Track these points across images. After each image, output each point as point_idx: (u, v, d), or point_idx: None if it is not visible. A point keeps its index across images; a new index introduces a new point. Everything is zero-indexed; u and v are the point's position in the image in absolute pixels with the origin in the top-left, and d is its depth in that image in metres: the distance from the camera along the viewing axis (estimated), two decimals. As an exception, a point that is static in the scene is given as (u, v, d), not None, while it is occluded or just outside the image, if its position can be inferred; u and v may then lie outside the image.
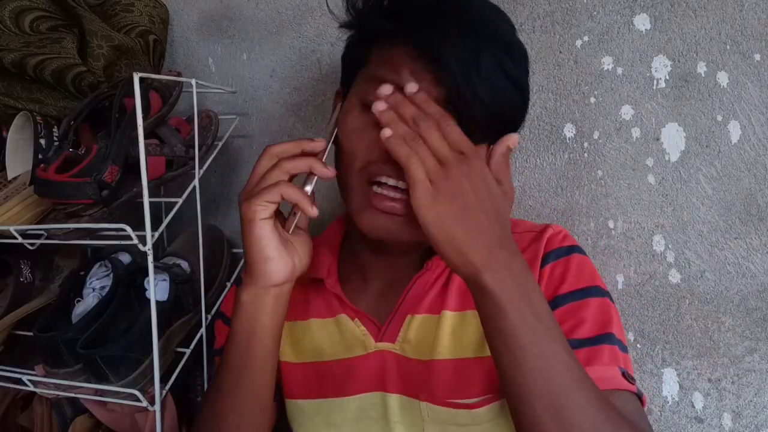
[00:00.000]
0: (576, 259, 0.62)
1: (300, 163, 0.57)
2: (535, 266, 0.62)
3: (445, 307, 0.63)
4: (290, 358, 0.69)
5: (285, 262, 0.57)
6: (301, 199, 0.56)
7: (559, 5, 0.76)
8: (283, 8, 0.92)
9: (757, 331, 0.70)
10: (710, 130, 0.71)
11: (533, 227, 0.67)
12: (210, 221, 0.98)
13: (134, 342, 0.71)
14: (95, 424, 0.87)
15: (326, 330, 0.68)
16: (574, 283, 0.60)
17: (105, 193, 0.68)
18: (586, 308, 0.59)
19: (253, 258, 0.57)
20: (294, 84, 0.92)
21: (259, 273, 0.57)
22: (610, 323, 0.58)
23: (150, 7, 0.91)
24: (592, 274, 0.62)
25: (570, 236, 0.65)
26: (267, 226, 0.56)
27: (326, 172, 0.57)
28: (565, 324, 0.58)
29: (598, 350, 0.56)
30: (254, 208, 0.55)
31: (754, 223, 0.70)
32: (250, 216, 0.55)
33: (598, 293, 0.60)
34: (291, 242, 0.59)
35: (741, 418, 0.71)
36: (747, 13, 0.68)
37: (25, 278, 0.86)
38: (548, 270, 0.62)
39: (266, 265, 0.57)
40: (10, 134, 0.82)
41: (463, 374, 0.61)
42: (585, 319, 0.58)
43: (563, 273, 0.61)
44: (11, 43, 0.79)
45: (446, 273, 0.64)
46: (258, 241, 0.56)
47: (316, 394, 0.67)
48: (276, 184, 0.55)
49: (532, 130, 0.78)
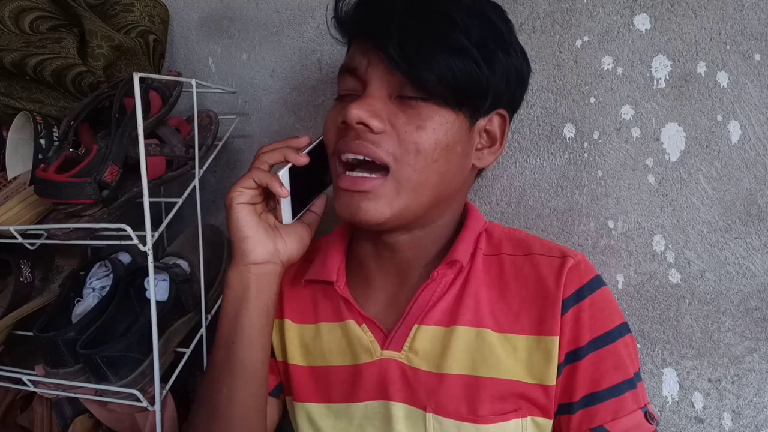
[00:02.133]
0: (597, 298, 0.62)
1: (275, 153, 0.64)
2: (556, 304, 0.61)
3: (457, 321, 0.63)
4: (299, 361, 0.70)
5: (263, 243, 0.63)
6: (271, 182, 0.62)
7: (559, 5, 0.76)
8: (283, 8, 0.92)
9: (757, 331, 0.70)
10: (710, 130, 0.71)
11: (551, 251, 0.65)
12: (210, 221, 0.98)
13: (134, 342, 0.72)
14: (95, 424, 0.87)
15: (334, 335, 0.68)
16: (597, 328, 0.61)
17: (105, 193, 0.68)
18: (610, 356, 0.60)
19: (233, 238, 0.63)
20: (294, 84, 0.92)
21: (239, 252, 0.63)
22: (627, 365, 0.60)
23: (150, 7, 0.91)
24: (612, 310, 0.62)
25: (589, 266, 0.64)
26: (244, 209, 0.63)
27: (299, 159, 0.63)
28: (591, 375, 0.60)
29: (622, 400, 0.59)
30: (232, 194, 0.63)
31: (754, 223, 0.70)
32: (228, 202, 0.63)
33: (620, 333, 0.61)
34: (278, 229, 0.65)
35: (741, 418, 0.71)
36: (747, 13, 0.68)
37: (25, 278, 0.86)
38: (572, 315, 0.61)
39: (243, 244, 0.63)
40: (10, 134, 0.82)
41: (475, 391, 0.61)
42: (609, 368, 0.60)
43: (588, 319, 0.61)
44: (11, 43, 0.79)
45: (457, 285, 0.64)
46: (235, 223, 0.63)
47: (323, 399, 0.68)
48: (250, 171, 0.63)
49: (532, 130, 0.78)
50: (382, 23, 0.58)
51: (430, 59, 0.56)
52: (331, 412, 0.67)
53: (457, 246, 0.65)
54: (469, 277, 0.64)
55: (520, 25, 0.77)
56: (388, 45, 0.56)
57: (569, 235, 0.77)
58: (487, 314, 0.63)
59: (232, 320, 0.63)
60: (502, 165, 0.80)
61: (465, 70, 0.57)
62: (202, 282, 0.80)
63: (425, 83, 0.57)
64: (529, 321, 0.62)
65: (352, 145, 0.59)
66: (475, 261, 0.65)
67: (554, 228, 0.78)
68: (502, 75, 0.61)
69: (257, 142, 0.96)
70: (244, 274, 0.63)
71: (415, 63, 0.56)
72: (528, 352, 0.61)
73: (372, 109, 0.58)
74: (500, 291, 0.64)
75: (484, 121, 0.63)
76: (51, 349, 0.73)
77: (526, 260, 0.65)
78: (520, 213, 0.79)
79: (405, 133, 0.58)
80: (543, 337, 0.61)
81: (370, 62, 0.60)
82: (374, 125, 0.58)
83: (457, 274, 0.65)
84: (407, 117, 0.59)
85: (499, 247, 0.67)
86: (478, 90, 0.59)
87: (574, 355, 0.60)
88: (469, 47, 0.57)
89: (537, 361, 0.61)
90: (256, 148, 0.95)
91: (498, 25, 0.62)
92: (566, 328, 0.60)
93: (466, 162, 0.64)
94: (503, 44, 0.61)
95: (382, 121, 0.58)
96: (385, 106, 0.59)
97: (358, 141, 0.59)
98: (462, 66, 0.57)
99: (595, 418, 0.59)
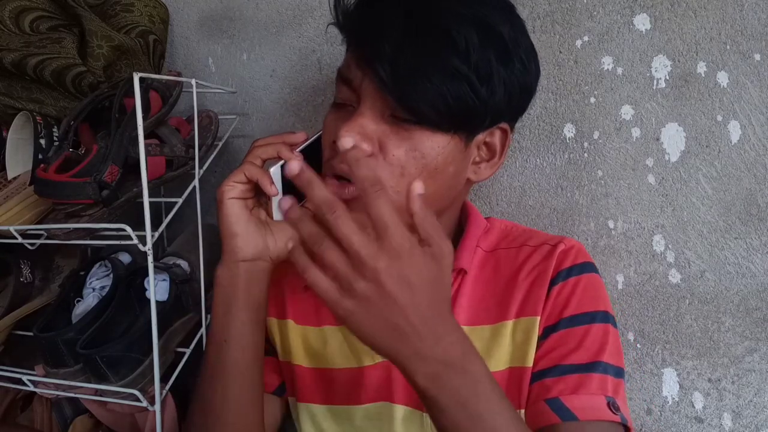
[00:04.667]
0: (584, 280, 0.62)
1: (269, 148, 0.62)
2: (543, 286, 0.62)
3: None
4: (303, 362, 0.70)
5: (254, 240, 0.61)
6: (261, 177, 0.60)
7: (559, 5, 0.76)
8: (283, 8, 0.92)
9: (757, 331, 0.70)
10: (710, 130, 0.71)
11: (547, 240, 0.66)
12: (210, 221, 0.98)
13: (134, 342, 0.71)
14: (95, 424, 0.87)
15: (337, 338, 0.68)
16: (576, 307, 0.61)
17: (105, 193, 0.68)
18: (584, 335, 0.59)
19: (223, 234, 0.61)
20: (294, 84, 0.92)
21: (228, 248, 0.61)
22: (603, 350, 0.59)
23: (150, 7, 0.91)
24: (597, 296, 0.62)
25: (583, 251, 0.64)
26: (234, 204, 0.60)
27: (291, 158, 0.60)
28: (559, 349, 0.59)
29: (587, 378, 0.57)
30: (223, 188, 0.60)
31: (754, 223, 0.70)
32: (219, 196, 0.60)
33: (599, 319, 0.60)
34: (269, 226, 0.63)
35: (741, 418, 0.71)
36: (747, 13, 0.68)
37: (25, 278, 0.86)
38: (555, 292, 0.61)
39: (233, 240, 0.60)
40: (10, 134, 0.82)
41: None
42: (580, 345, 0.59)
43: (569, 296, 0.61)
44: (11, 43, 0.79)
45: (455, 286, 0.65)
46: (225, 218, 0.60)
47: (326, 400, 0.68)
48: (242, 165, 0.61)
49: (532, 130, 0.78)
50: (376, 37, 0.55)
51: (421, 85, 0.53)
52: (333, 413, 0.67)
53: (461, 253, 0.65)
54: (466, 277, 0.65)
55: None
56: (379, 64, 0.54)
57: (569, 235, 0.77)
58: (482, 310, 0.64)
59: (222, 318, 0.62)
60: (502, 165, 0.79)
61: (459, 96, 0.54)
62: (202, 282, 0.80)
63: (416, 109, 0.55)
64: (516, 306, 0.62)
65: (340, 167, 0.58)
66: (474, 260, 0.66)
67: (554, 228, 0.78)
68: (504, 93, 0.57)
69: (257, 142, 0.96)
70: (233, 271, 0.61)
71: (405, 88, 0.54)
72: (511, 336, 0.62)
73: (363, 132, 0.56)
74: (494, 285, 0.65)
75: (484, 134, 0.61)
76: (51, 349, 0.72)
77: (521, 251, 0.66)
78: (520, 213, 0.79)
79: (393, 157, 0.56)
80: (525, 318, 0.61)
81: (364, 76, 0.57)
82: (364, 149, 0.56)
83: (456, 276, 0.65)
84: (398, 140, 0.56)
85: (497, 243, 0.68)
86: (474, 114, 0.57)
87: (551, 329, 0.60)
88: (466, 72, 0.54)
89: (519, 343, 0.61)
90: (256, 148, 0.96)
91: (502, 34, 0.57)
92: (548, 303, 0.61)
93: (458, 180, 0.62)
94: (506, 57, 0.57)
95: (371, 144, 0.57)
96: (377, 126, 0.57)
97: (343, 164, 0.58)
98: (456, 92, 0.54)
99: (553, 389, 0.57)
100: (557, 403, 0.56)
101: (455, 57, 0.53)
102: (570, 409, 0.56)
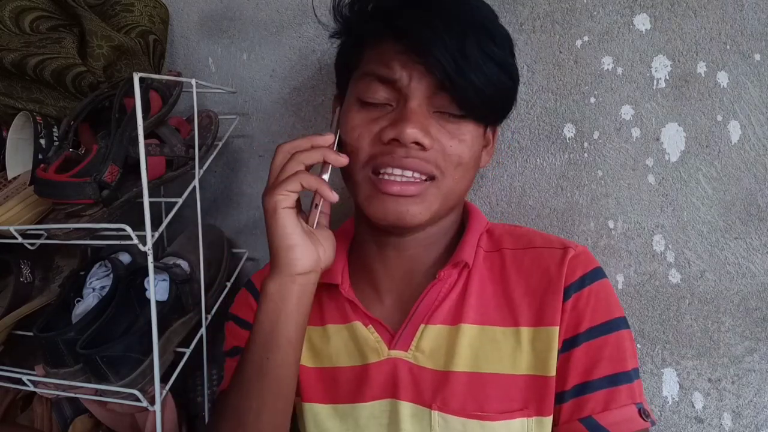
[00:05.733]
0: (597, 288, 0.62)
1: (314, 154, 0.60)
2: (557, 294, 0.62)
3: (462, 319, 0.63)
4: (307, 362, 0.70)
5: (309, 251, 0.59)
6: (321, 185, 0.59)
7: (559, 5, 0.76)
8: (283, 8, 0.92)
9: (757, 331, 0.70)
10: (710, 130, 0.71)
11: (551, 242, 0.66)
12: (210, 221, 0.98)
13: (134, 342, 0.72)
14: (95, 424, 0.87)
15: (341, 336, 0.68)
16: (593, 318, 0.61)
17: (105, 193, 0.68)
18: (605, 346, 0.60)
19: (278, 246, 0.58)
20: (294, 84, 0.92)
21: (284, 261, 0.59)
22: (625, 359, 0.60)
23: (150, 7, 0.91)
24: (610, 302, 0.62)
25: (590, 256, 0.65)
26: (290, 214, 0.58)
27: (340, 160, 0.61)
28: (583, 364, 0.60)
29: (616, 392, 0.58)
30: (276, 198, 0.57)
31: (754, 223, 0.70)
32: (272, 206, 0.58)
33: (616, 326, 0.61)
34: (315, 235, 0.62)
35: (741, 418, 0.71)
36: (747, 13, 0.68)
37: (25, 278, 0.86)
38: (571, 304, 0.61)
39: (291, 253, 0.58)
40: (10, 134, 0.82)
41: (480, 388, 0.61)
42: (603, 357, 0.59)
43: (584, 307, 0.61)
44: (11, 43, 0.79)
45: (461, 283, 0.65)
46: (282, 230, 0.58)
47: (330, 399, 0.67)
48: (295, 174, 0.58)
49: (532, 130, 0.78)
50: (429, 39, 0.56)
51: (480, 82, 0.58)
52: (337, 413, 0.67)
53: (463, 246, 0.65)
54: (471, 274, 0.65)
55: (520, 25, 0.77)
56: (444, 66, 0.56)
57: (569, 235, 0.77)
58: (491, 310, 0.64)
59: (268, 334, 0.59)
60: (502, 165, 0.80)
61: (502, 85, 0.60)
62: (202, 282, 0.80)
63: (467, 101, 0.59)
64: (531, 312, 0.62)
65: (403, 162, 0.59)
66: (477, 258, 0.66)
67: (554, 228, 0.78)
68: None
69: (257, 142, 0.96)
70: (287, 286, 0.59)
71: (462, 83, 0.57)
72: (531, 344, 0.62)
73: (424, 128, 0.59)
74: (503, 286, 0.65)
75: None
76: (51, 349, 0.73)
77: (527, 253, 0.66)
78: (520, 213, 0.79)
79: (450, 148, 0.60)
80: (544, 328, 0.61)
81: (412, 76, 0.58)
82: (427, 144, 0.59)
83: (461, 272, 0.65)
84: (448, 132, 0.60)
85: (499, 243, 0.68)
86: (511, 104, 0.65)
87: (571, 343, 0.60)
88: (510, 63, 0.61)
89: (539, 352, 0.61)
90: (256, 148, 0.96)
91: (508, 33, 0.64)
92: (566, 315, 0.61)
93: (479, 166, 0.67)
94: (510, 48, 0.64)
95: (432, 139, 0.59)
96: (431, 122, 0.60)
97: (408, 158, 0.59)
98: (503, 85, 0.60)
99: (585, 407, 0.59)
100: (591, 422, 0.58)
101: (497, 48, 0.59)
102: (604, 427, 0.57)
